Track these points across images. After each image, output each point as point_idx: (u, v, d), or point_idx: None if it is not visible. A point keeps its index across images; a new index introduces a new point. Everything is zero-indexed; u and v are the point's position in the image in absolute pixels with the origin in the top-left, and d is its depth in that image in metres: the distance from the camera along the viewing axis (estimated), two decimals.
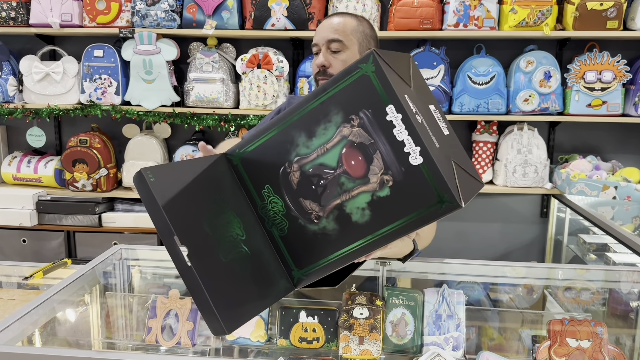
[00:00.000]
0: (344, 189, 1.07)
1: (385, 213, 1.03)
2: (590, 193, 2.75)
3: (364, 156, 1.05)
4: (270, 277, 1.11)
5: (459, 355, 1.32)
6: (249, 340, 1.40)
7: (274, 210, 1.13)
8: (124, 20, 3.02)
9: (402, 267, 1.63)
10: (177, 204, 1.02)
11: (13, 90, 3.13)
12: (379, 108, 1.04)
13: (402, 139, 1.01)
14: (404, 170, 1.01)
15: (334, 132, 1.07)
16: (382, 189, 1.04)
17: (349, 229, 1.07)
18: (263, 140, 1.14)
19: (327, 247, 1.09)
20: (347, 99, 1.07)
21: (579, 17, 2.80)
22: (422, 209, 1.00)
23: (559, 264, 2.96)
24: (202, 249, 1.01)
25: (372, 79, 1.04)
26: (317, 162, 1.10)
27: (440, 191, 0.99)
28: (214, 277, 1.00)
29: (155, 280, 1.82)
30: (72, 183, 3.11)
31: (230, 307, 1.00)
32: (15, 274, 1.78)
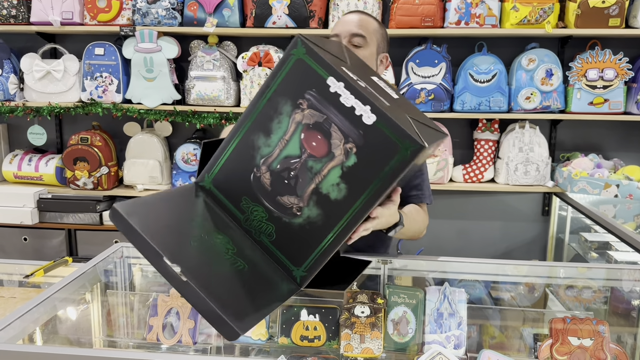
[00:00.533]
0: (314, 172, 1.10)
1: (359, 180, 1.06)
2: (591, 191, 2.75)
3: (322, 134, 1.08)
4: (272, 284, 1.11)
5: (461, 353, 1.32)
6: (250, 338, 1.40)
7: (257, 219, 1.14)
8: (125, 18, 3.02)
9: (404, 264, 1.62)
10: (158, 230, 1.03)
11: (14, 89, 3.13)
12: (320, 84, 1.07)
13: (350, 104, 1.05)
14: (362, 132, 1.05)
15: (288, 123, 1.10)
16: (349, 158, 1.07)
17: (331, 209, 1.09)
18: (226, 156, 1.16)
19: (317, 235, 1.10)
20: (290, 86, 1.10)
21: (580, 14, 2.79)
22: (391, 162, 1.04)
23: (561, 262, 2.96)
24: (196, 265, 1.01)
25: (306, 60, 1.08)
26: (282, 156, 1.12)
27: (400, 139, 1.02)
28: (213, 287, 0.99)
29: (156, 278, 1.82)
30: (73, 181, 3.11)
31: (237, 310, 0.99)
32: (16, 272, 1.78)
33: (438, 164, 3.00)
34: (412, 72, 2.94)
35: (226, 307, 0.97)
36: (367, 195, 1.07)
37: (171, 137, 3.31)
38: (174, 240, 1.03)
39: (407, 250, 2.05)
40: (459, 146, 3.21)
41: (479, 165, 3.09)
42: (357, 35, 1.61)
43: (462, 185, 3.08)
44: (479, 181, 3.09)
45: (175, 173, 3.12)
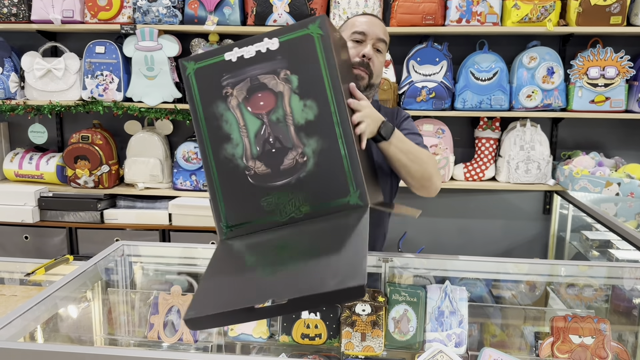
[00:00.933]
0: (283, 118, 1.16)
1: (312, 83, 1.15)
2: (593, 189, 2.74)
3: (259, 90, 1.17)
4: (346, 228, 1.10)
5: (462, 351, 1.32)
6: (251, 336, 1.40)
7: (285, 202, 1.16)
8: (126, 16, 3.01)
9: (405, 263, 1.62)
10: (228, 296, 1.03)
11: (15, 87, 3.13)
12: (223, 64, 1.19)
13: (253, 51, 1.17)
14: (280, 57, 1.16)
15: (232, 114, 1.17)
16: (292, 81, 1.15)
17: (319, 125, 1.14)
18: (219, 191, 1.19)
19: (333, 154, 1.13)
20: (207, 90, 1.19)
21: (582, 12, 2.78)
22: (316, 47, 1.15)
23: (562, 261, 2.95)
24: (280, 283, 1.01)
25: (200, 65, 1.21)
26: (252, 139, 1.17)
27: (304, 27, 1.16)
28: (308, 279, 1.00)
29: (157, 276, 1.82)
30: (74, 179, 3.11)
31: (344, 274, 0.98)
32: (17, 270, 1.78)
33: (439, 162, 3.00)
34: (413, 70, 2.94)
35: (331, 282, 0.97)
36: (329, 87, 1.14)
37: (172, 136, 3.30)
38: (248, 289, 1.03)
39: (408, 249, 2.05)
40: (460, 144, 3.21)
41: (480, 164, 3.09)
42: (382, 41, 1.66)
43: (463, 183, 3.08)
44: (480, 179, 3.09)
45: (176, 171, 3.12)
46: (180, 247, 1.86)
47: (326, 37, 1.15)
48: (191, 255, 1.81)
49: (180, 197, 3.10)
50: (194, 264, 1.82)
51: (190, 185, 3.11)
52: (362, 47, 1.62)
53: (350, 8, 2.86)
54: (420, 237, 3.24)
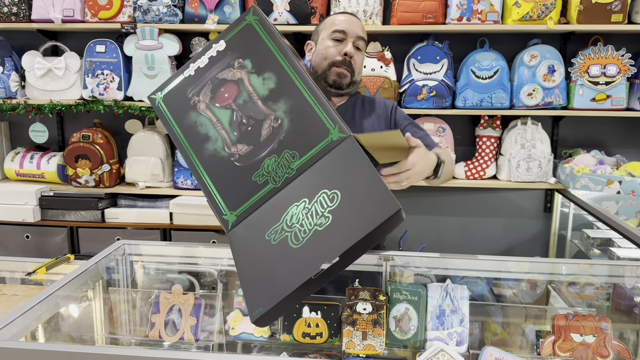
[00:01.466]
0: (249, 98, 1.23)
1: (261, 58, 1.24)
2: (594, 188, 2.74)
3: (220, 86, 1.25)
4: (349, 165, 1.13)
5: (463, 350, 1.32)
6: (252, 335, 1.40)
7: (274, 167, 1.20)
8: (126, 15, 3.01)
9: (406, 262, 1.62)
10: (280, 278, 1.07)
11: (15, 86, 3.13)
12: (185, 82, 1.29)
13: (196, 66, 1.30)
14: (224, 48, 1.27)
15: (205, 116, 1.25)
16: (245, 66, 1.24)
17: (283, 89, 1.21)
18: (213, 189, 1.24)
19: (306, 110, 1.19)
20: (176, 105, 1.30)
21: (583, 10, 2.78)
22: (259, 31, 1.26)
23: (563, 259, 2.95)
24: (316, 244, 1.06)
25: (162, 101, 1.32)
26: (228, 129, 1.24)
27: (246, 16, 1.27)
28: (348, 225, 1.05)
29: (159, 275, 1.82)
30: (75, 179, 3.11)
31: (378, 207, 1.04)
32: (18, 269, 1.78)
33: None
34: (413, 68, 2.94)
35: (370, 220, 1.02)
36: (277, 53, 1.23)
37: None
38: (295, 264, 1.06)
39: (409, 247, 2.05)
40: (460, 143, 3.20)
41: (480, 162, 3.09)
42: (361, 39, 1.71)
43: (464, 182, 3.08)
44: (481, 178, 3.09)
45: (177, 170, 3.12)
46: (181, 246, 1.86)
47: (262, 20, 1.25)
48: (192, 254, 1.81)
49: (181, 196, 3.10)
50: (195, 262, 1.82)
51: (191, 184, 3.11)
52: (342, 45, 1.67)
53: (351, 6, 2.86)
54: (421, 235, 3.24)
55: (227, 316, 1.43)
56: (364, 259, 1.51)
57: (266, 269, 1.08)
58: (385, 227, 1.01)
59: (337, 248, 1.01)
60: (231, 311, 1.42)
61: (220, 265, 1.70)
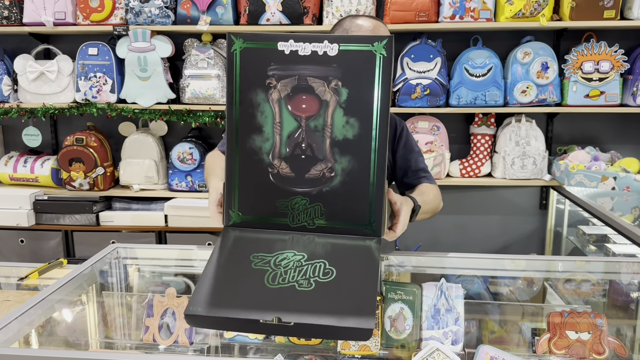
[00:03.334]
0: (321, 128, 1.11)
1: (361, 103, 1.10)
2: (589, 184, 2.74)
3: (305, 92, 1.11)
4: (359, 257, 1.09)
5: (458, 349, 1.31)
6: (247, 337, 1.39)
7: (301, 209, 1.13)
8: (118, 17, 3.00)
9: (401, 261, 1.62)
10: (238, 302, 1.01)
11: (8, 90, 3.11)
12: (275, 54, 1.12)
13: (310, 50, 1.10)
14: (335, 65, 1.11)
15: (270, 107, 1.12)
16: (341, 94, 1.10)
17: (356, 146, 1.10)
18: (236, 180, 1.15)
19: (361, 179, 1.10)
20: (250, 76, 1.12)
21: (575, 7, 2.78)
22: (376, 68, 1.10)
23: (559, 256, 2.96)
24: (290, 304, 1.00)
25: (248, 45, 1.12)
26: (284, 138, 1.13)
27: (369, 45, 1.10)
28: (319, 309, 0.99)
29: (154, 278, 1.81)
30: (69, 182, 3.09)
31: (354, 312, 0.98)
32: (12, 274, 1.77)
33: (435, 159, 3.00)
34: (407, 67, 2.93)
35: (344, 318, 0.96)
36: (377, 112, 1.09)
37: (166, 137, 3.29)
38: (255, 298, 1.01)
39: (405, 246, 2.05)
40: (455, 141, 3.20)
41: (475, 160, 3.09)
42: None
43: (459, 180, 3.08)
44: (476, 176, 3.09)
45: (172, 172, 3.11)
46: (176, 249, 1.85)
47: (388, 60, 1.10)
48: (187, 256, 1.81)
49: (176, 198, 3.09)
50: (190, 265, 1.81)
51: (185, 186, 3.10)
52: None
53: (344, 6, 2.85)
54: (416, 234, 3.24)
55: None
56: None
57: (230, 281, 1.04)
58: (347, 333, 0.97)
59: (298, 316, 0.97)
60: None
61: None
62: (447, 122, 3.09)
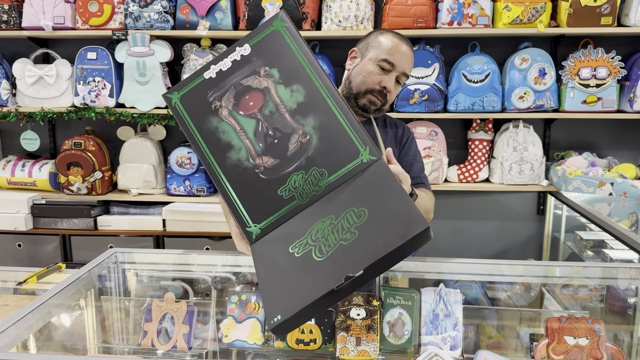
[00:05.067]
0: (275, 109, 1.20)
1: (293, 71, 1.20)
2: (586, 190, 2.75)
3: (245, 93, 1.21)
4: (376, 189, 1.13)
5: (457, 354, 1.31)
6: (245, 342, 1.39)
7: (301, 183, 1.17)
8: (117, 22, 3.00)
9: (399, 266, 1.62)
10: (304, 288, 1.05)
11: (6, 94, 3.11)
12: (205, 84, 1.24)
13: (233, 58, 1.23)
14: (255, 58, 1.22)
15: (227, 123, 1.21)
16: (273, 75, 1.20)
17: (312, 104, 1.18)
18: (235, 198, 1.20)
19: (334, 126, 1.17)
20: (196, 110, 1.24)
21: (573, 13, 2.80)
22: (285, 37, 1.22)
23: (556, 262, 2.96)
24: (341, 255, 1.05)
25: (179, 100, 1.25)
26: (252, 139, 1.21)
27: (273, 22, 1.23)
28: (376, 239, 1.04)
29: (152, 283, 1.81)
30: (67, 186, 3.09)
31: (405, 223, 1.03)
32: (10, 279, 1.77)
33: (433, 165, 3.00)
34: None
35: (397, 236, 1.01)
36: (308, 68, 1.19)
37: (165, 141, 3.30)
38: (317, 276, 1.05)
39: None
40: (453, 146, 3.21)
41: (473, 165, 3.09)
42: (406, 76, 1.68)
43: (457, 185, 3.09)
44: (473, 181, 3.10)
45: (170, 177, 3.11)
46: (174, 253, 1.85)
47: (291, 27, 1.22)
48: (185, 261, 1.81)
49: (174, 202, 3.09)
50: (189, 269, 1.81)
51: (184, 191, 3.10)
52: (386, 77, 1.64)
53: (342, 12, 2.86)
54: None
55: (220, 323, 1.42)
56: None
57: (288, 279, 1.07)
58: (413, 243, 1.01)
59: (363, 260, 1.00)
60: (224, 318, 1.42)
61: (214, 271, 1.69)
62: (445, 128, 3.10)
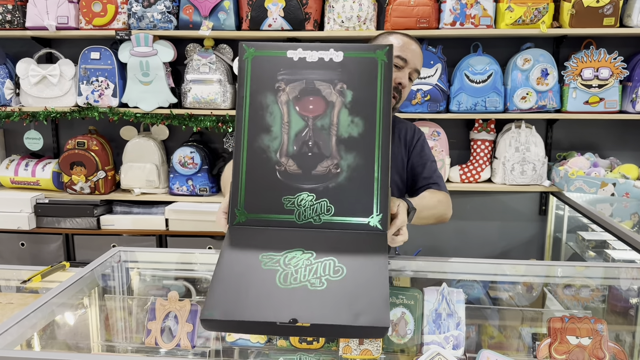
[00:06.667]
0: (327, 127, 1.18)
1: (365, 104, 1.17)
2: (588, 190, 2.75)
3: (312, 94, 1.18)
4: (363, 250, 1.12)
5: (459, 354, 1.32)
6: (249, 341, 1.39)
7: (307, 205, 1.16)
8: (121, 22, 3.01)
9: (402, 266, 1.62)
10: (250, 305, 1.03)
11: (10, 94, 3.12)
12: (283, 61, 1.21)
13: (316, 57, 1.20)
14: (340, 69, 1.19)
15: (278, 108, 1.19)
16: (346, 96, 1.18)
17: (360, 144, 1.16)
18: (243, 178, 1.18)
19: (367, 175, 1.16)
20: (260, 81, 1.20)
21: (575, 14, 2.80)
22: (379, 73, 1.19)
23: (558, 262, 2.96)
24: (303, 304, 1.02)
25: (259, 54, 1.21)
26: (292, 137, 1.19)
27: (372, 52, 1.20)
28: (333, 309, 1.01)
29: (155, 282, 1.82)
30: (70, 186, 3.10)
31: (367, 309, 1.01)
32: (13, 277, 1.77)
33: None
34: None
35: (359, 316, 0.99)
36: (380, 112, 1.17)
37: (168, 141, 3.30)
38: (268, 301, 1.03)
39: (405, 251, 2.05)
40: (455, 147, 3.22)
41: (475, 166, 3.10)
42: (417, 72, 1.69)
43: (459, 185, 3.09)
44: (475, 181, 3.10)
45: (173, 177, 3.12)
46: (177, 253, 1.86)
47: (389, 66, 1.18)
48: (188, 260, 1.81)
49: (177, 202, 3.10)
50: (191, 269, 1.82)
51: (186, 190, 3.10)
52: (399, 73, 1.65)
53: (345, 12, 2.87)
54: (417, 239, 3.25)
55: None
56: None
57: (241, 285, 1.05)
58: (365, 331, 1.00)
59: (315, 316, 0.99)
60: None
61: None
62: (447, 128, 3.10)
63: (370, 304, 1.01)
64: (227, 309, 1.01)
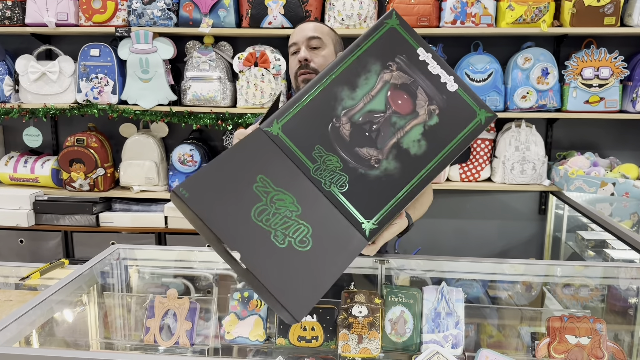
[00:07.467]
0: (397, 128, 1.19)
1: (438, 139, 1.19)
2: (588, 190, 2.75)
3: (408, 94, 1.21)
4: (339, 240, 1.12)
5: (458, 352, 1.32)
6: (247, 339, 1.39)
7: (330, 168, 1.16)
8: (120, 19, 3.01)
9: (401, 264, 1.62)
10: (218, 211, 1.04)
11: (9, 90, 3.12)
12: (410, 52, 1.23)
13: (436, 72, 1.22)
14: (445, 97, 1.21)
15: (375, 80, 1.21)
16: (431, 118, 1.20)
17: (410, 163, 1.18)
18: (302, 104, 1.19)
19: (393, 187, 1.17)
20: (380, 49, 1.23)
21: (576, 13, 2.80)
22: (468, 126, 1.21)
23: (558, 261, 2.96)
24: (255, 246, 1.03)
25: (399, 29, 1.25)
26: (366, 109, 1.20)
27: (478, 107, 1.21)
28: (273, 270, 1.02)
29: (154, 279, 1.82)
30: (69, 183, 3.10)
31: (297, 293, 1.02)
32: (12, 274, 1.77)
33: None
34: None
35: (285, 295, 1.00)
36: (443, 154, 1.19)
37: (167, 138, 3.30)
38: (235, 221, 1.04)
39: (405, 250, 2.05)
40: None
41: (475, 165, 3.10)
42: (313, 38, 1.73)
43: (459, 184, 3.09)
44: (475, 180, 3.10)
45: (172, 174, 3.12)
46: (176, 250, 1.86)
47: (481, 129, 1.22)
48: (187, 258, 1.81)
49: None
50: (190, 267, 1.82)
51: None
52: (296, 55, 1.74)
53: (345, 10, 2.86)
54: (416, 238, 3.25)
55: (222, 320, 1.42)
56: (360, 262, 1.52)
57: (227, 188, 1.06)
58: (278, 308, 1.01)
59: (254, 264, 1.01)
60: (226, 315, 1.42)
61: (216, 269, 1.70)
62: None
63: (303, 291, 1.02)
64: (200, 200, 1.03)
